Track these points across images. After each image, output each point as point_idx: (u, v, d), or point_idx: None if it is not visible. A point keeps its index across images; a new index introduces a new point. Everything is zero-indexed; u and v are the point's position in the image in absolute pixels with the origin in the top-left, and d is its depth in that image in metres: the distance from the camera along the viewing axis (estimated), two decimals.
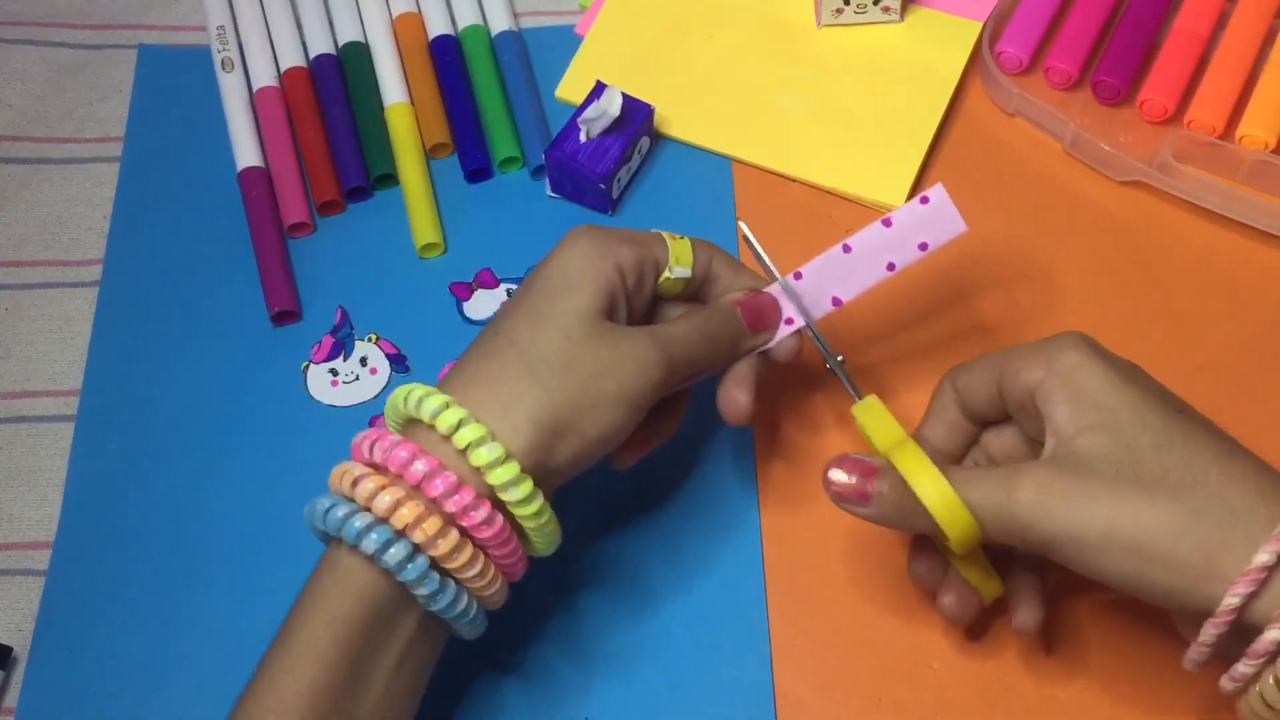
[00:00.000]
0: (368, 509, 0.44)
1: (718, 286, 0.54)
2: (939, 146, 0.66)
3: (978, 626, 0.54)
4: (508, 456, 0.45)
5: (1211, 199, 0.62)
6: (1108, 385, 0.45)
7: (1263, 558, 0.41)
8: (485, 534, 0.45)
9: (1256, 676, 0.42)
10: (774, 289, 0.54)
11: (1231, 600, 0.41)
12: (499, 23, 0.70)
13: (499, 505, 0.46)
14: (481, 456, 0.45)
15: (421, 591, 0.45)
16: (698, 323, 0.51)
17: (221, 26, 0.70)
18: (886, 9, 0.68)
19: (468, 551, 0.45)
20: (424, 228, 0.64)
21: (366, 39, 0.70)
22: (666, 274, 0.51)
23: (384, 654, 0.45)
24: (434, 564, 0.45)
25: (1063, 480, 0.44)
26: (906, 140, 0.65)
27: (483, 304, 0.62)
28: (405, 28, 0.70)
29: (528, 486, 0.45)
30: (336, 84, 0.68)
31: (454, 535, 0.44)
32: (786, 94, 0.67)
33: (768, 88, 0.67)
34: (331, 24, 0.70)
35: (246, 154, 0.66)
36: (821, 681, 0.53)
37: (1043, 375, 0.46)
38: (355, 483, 0.45)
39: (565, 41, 0.70)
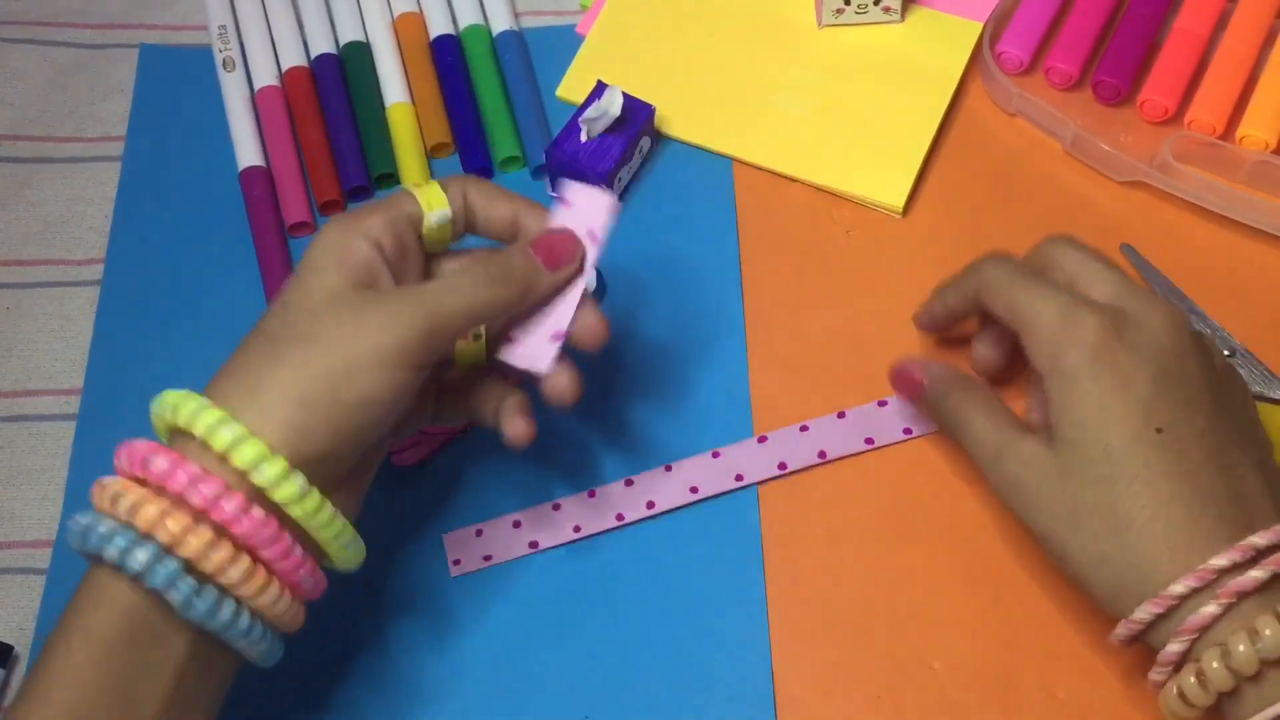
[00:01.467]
0: (115, 518, 0.42)
1: (486, 214, 0.51)
2: (939, 146, 0.66)
3: (978, 626, 0.54)
4: (269, 452, 0.43)
5: (1211, 199, 0.62)
6: (1090, 402, 0.47)
7: (1177, 588, 0.44)
8: (241, 529, 0.42)
9: (1165, 684, 0.46)
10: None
11: (1141, 614, 0.45)
12: (500, 22, 0.70)
13: (284, 520, 0.43)
14: (241, 457, 0.42)
15: (175, 597, 0.41)
16: (474, 268, 0.48)
17: (223, 26, 0.70)
18: (887, 9, 0.68)
19: (225, 550, 0.42)
20: None
21: (368, 38, 0.70)
22: (426, 223, 0.49)
23: (154, 678, 0.42)
24: (200, 576, 0.42)
25: (1025, 481, 0.49)
26: (906, 140, 0.65)
27: None
28: (406, 27, 0.70)
29: (295, 485, 0.43)
30: (338, 83, 0.68)
31: (205, 532, 0.42)
32: (787, 94, 0.67)
33: (768, 88, 0.67)
34: (333, 23, 0.70)
35: (248, 153, 0.66)
36: (821, 681, 0.53)
37: (1048, 369, 0.49)
38: (114, 498, 0.42)
39: (566, 41, 0.70)
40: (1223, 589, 0.44)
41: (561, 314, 0.51)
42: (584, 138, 0.63)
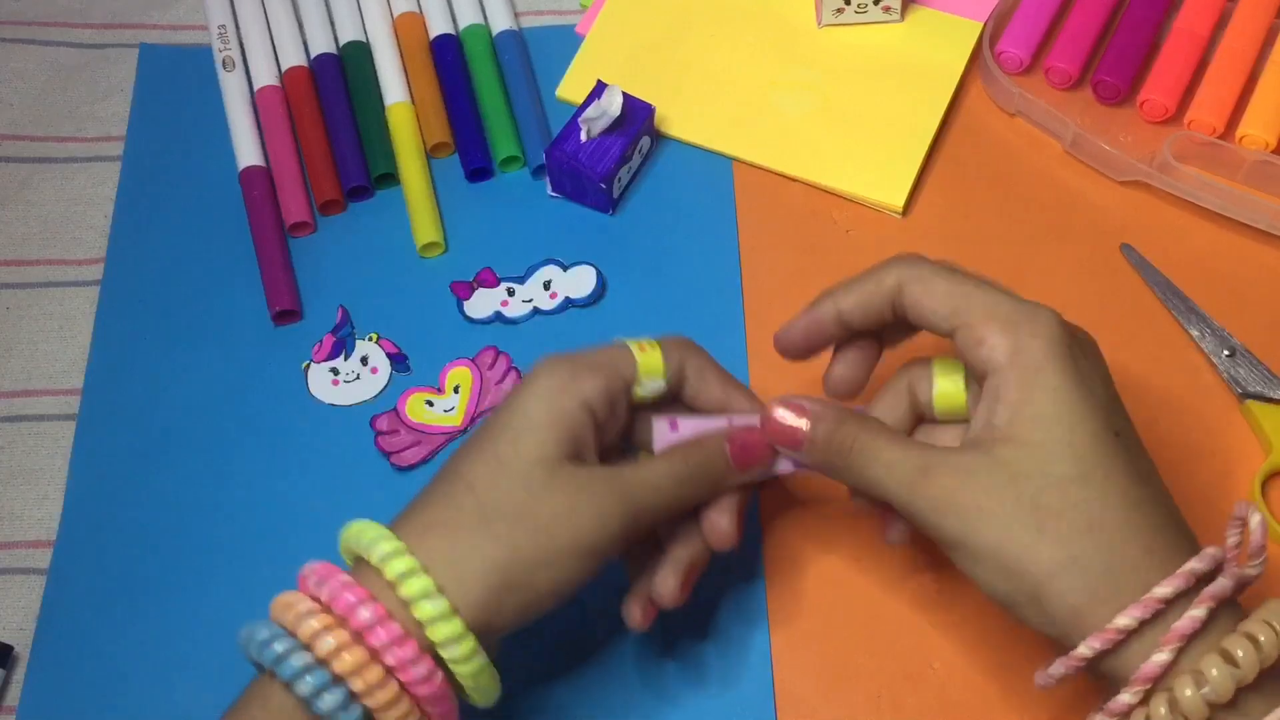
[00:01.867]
0: (307, 647, 0.43)
1: (696, 390, 0.51)
2: (939, 146, 0.66)
3: (978, 626, 0.54)
4: (452, 612, 0.44)
5: (1211, 199, 0.62)
6: (1058, 397, 0.44)
7: (1122, 621, 0.42)
8: (422, 691, 0.43)
9: None
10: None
11: (1083, 650, 0.42)
12: (500, 22, 0.70)
13: (438, 657, 0.44)
14: (425, 610, 0.43)
15: None
16: (675, 466, 0.49)
17: (223, 26, 0.70)
18: (887, 9, 0.68)
19: (404, 706, 0.43)
20: (425, 227, 0.64)
21: (368, 38, 0.70)
22: (637, 390, 0.49)
23: None
24: (365, 712, 0.43)
25: (966, 489, 0.44)
26: (907, 140, 0.65)
27: (483, 303, 0.63)
28: (406, 27, 0.70)
29: (469, 645, 0.44)
30: (337, 83, 0.68)
31: (393, 688, 0.43)
32: (787, 94, 0.67)
33: (768, 88, 0.67)
34: (333, 23, 0.70)
35: (247, 153, 0.66)
36: (821, 681, 0.53)
37: (1004, 361, 0.45)
38: (299, 618, 0.43)
39: (566, 41, 0.70)
40: (1167, 634, 0.42)
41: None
42: (584, 137, 0.63)
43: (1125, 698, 0.42)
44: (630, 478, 0.47)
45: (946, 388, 0.49)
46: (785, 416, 0.48)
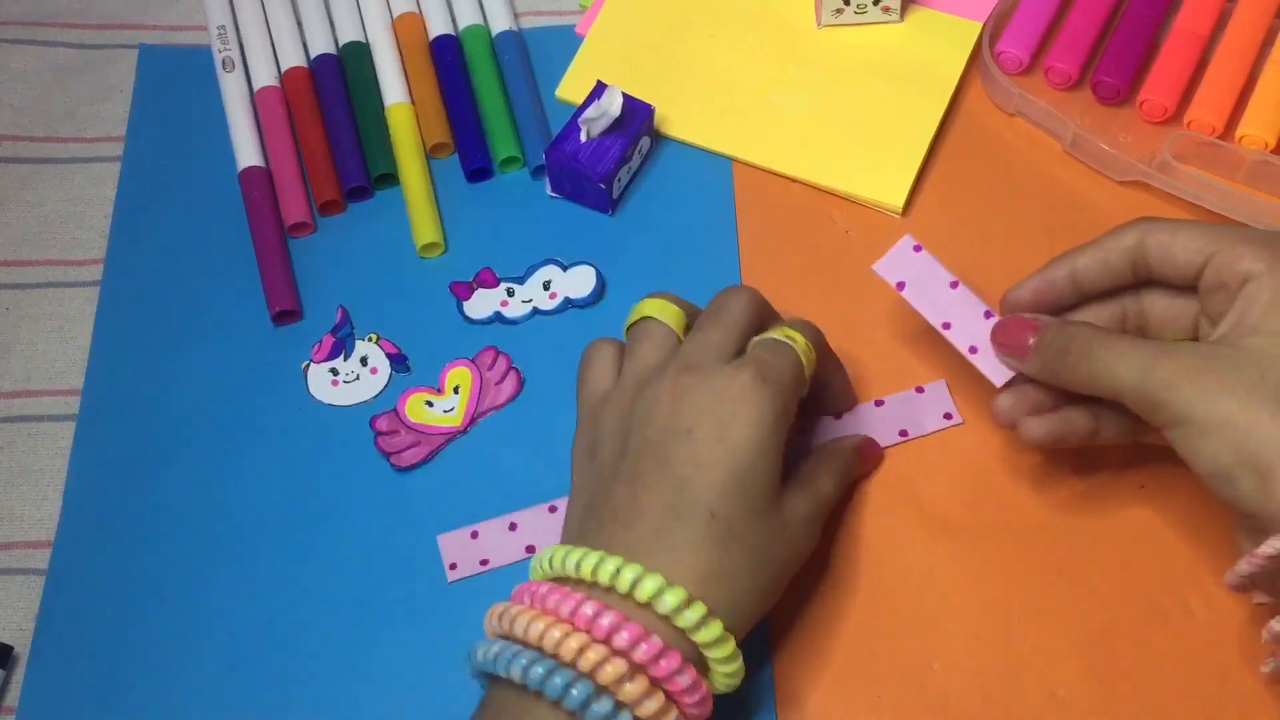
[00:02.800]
0: (568, 664, 0.44)
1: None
2: (939, 146, 0.66)
3: (978, 626, 0.54)
4: (714, 620, 0.46)
5: (1211, 199, 0.62)
6: None
7: None
8: (681, 687, 0.45)
9: None
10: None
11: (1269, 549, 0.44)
12: (499, 23, 0.70)
13: (689, 657, 0.46)
14: (686, 619, 0.45)
15: None
16: (835, 471, 0.54)
17: (222, 26, 0.70)
18: (886, 9, 0.68)
19: (658, 700, 0.44)
20: (424, 227, 0.64)
21: (367, 39, 0.70)
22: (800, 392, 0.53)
23: None
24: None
25: (1206, 369, 0.46)
26: (906, 140, 0.65)
27: (483, 303, 0.62)
28: (406, 27, 0.70)
29: (730, 645, 0.46)
30: (337, 84, 0.68)
31: (660, 695, 0.44)
32: (786, 94, 0.67)
33: (768, 88, 0.67)
34: (332, 24, 0.70)
35: (247, 154, 0.66)
36: (821, 681, 0.53)
37: (1264, 270, 0.47)
38: (542, 633, 0.44)
39: (565, 41, 0.70)
40: None
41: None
42: (583, 138, 0.63)
43: None
44: (816, 491, 0.52)
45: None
46: (1012, 325, 0.52)
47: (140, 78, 0.70)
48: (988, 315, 0.54)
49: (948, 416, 0.58)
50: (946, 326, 0.54)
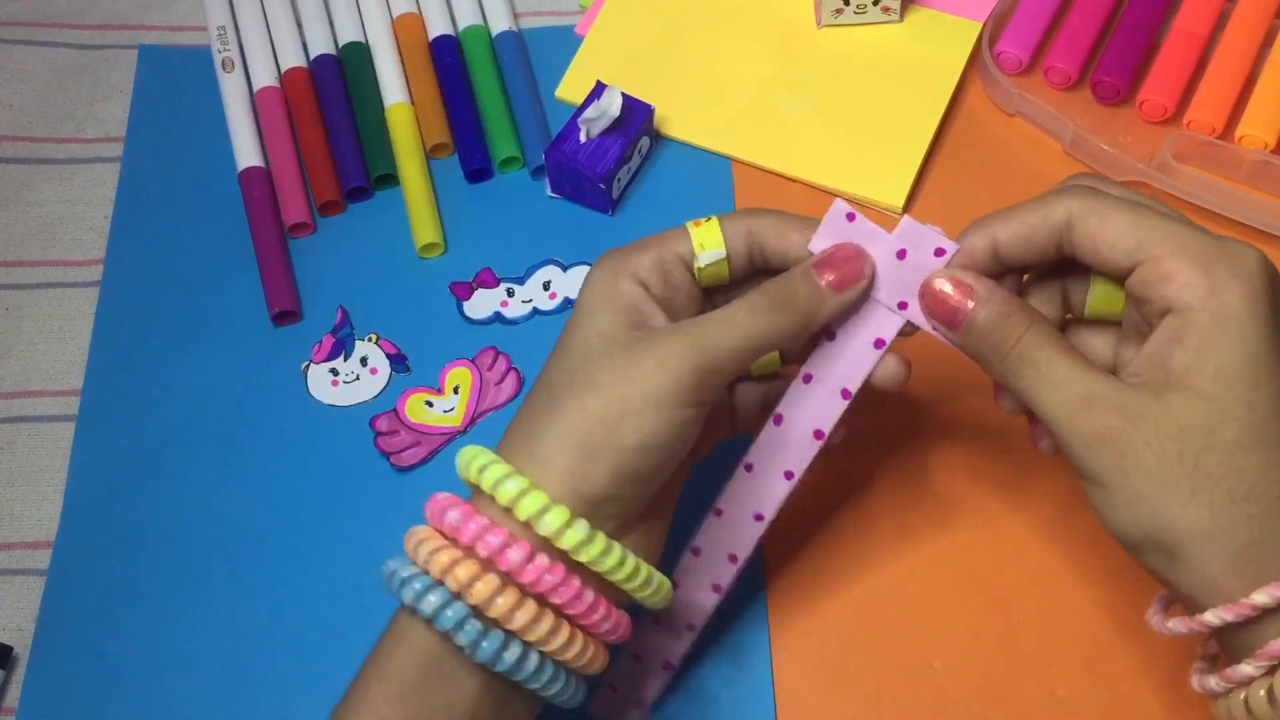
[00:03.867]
0: (426, 572, 0.43)
1: (780, 250, 0.47)
2: (939, 146, 0.66)
3: (978, 626, 0.54)
4: (550, 503, 0.42)
5: (1211, 199, 0.62)
6: (1247, 352, 0.41)
7: (1260, 598, 0.40)
8: (526, 577, 0.42)
9: (1227, 694, 0.43)
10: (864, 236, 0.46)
11: (1210, 618, 0.41)
12: (499, 23, 0.70)
13: (575, 567, 0.43)
14: (526, 510, 0.42)
15: (463, 640, 0.42)
16: (753, 296, 0.45)
17: (222, 27, 0.70)
18: (886, 9, 0.68)
19: (510, 596, 0.42)
20: (424, 228, 0.64)
21: (367, 39, 0.70)
22: (697, 264, 0.47)
23: (446, 717, 0.43)
24: (490, 621, 0.43)
25: (1124, 437, 0.41)
26: (906, 140, 0.65)
27: (483, 303, 0.62)
28: (405, 28, 0.70)
29: (579, 532, 0.43)
30: (337, 84, 0.68)
31: (493, 580, 0.42)
32: (786, 94, 0.67)
33: (768, 88, 0.67)
34: (332, 24, 0.71)
35: (247, 154, 0.66)
36: (821, 681, 0.53)
37: (1192, 303, 0.41)
38: (417, 546, 0.44)
39: (565, 41, 0.70)
40: None
41: (851, 368, 0.47)
42: (583, 138, 0.63)
43: (1247, 669, 0.41)
44: (698, 323, 0.45)
45: (1105, 291, 0.46)
46: (946, 290, 0.45)
47: (140, 78, 0.70)
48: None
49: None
50: (903, 306, 0.46)
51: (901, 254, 0.46)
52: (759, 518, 0.49)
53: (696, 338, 0.44)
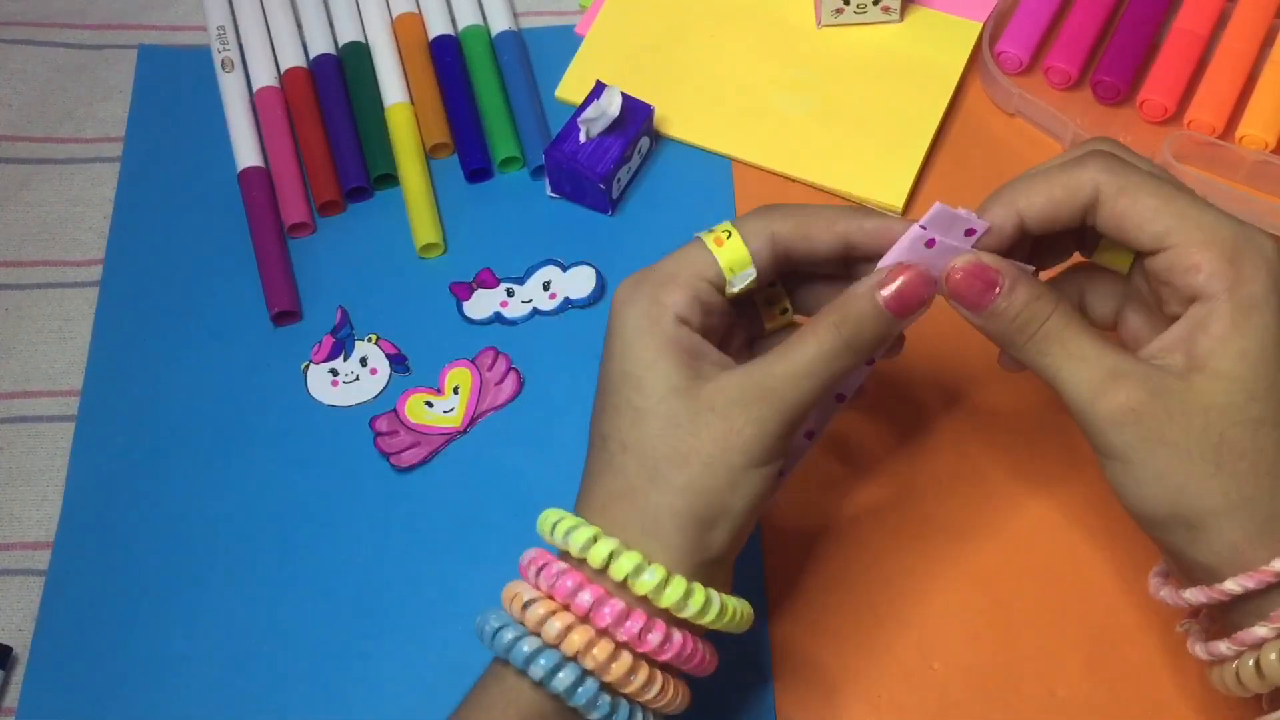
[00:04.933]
0: (536, 634, 0.43)
1: (809, 251, 0.47)
2: (939, 146, 0.66)
3: (978, 626, 0.54)
4: (669, 575, 0.44)
5: (1211, 199, 0.62)
6: (1267, 339, 0.43)
7: (1233, 588, 0.42)
8: (668, 655, 0.44)
9: (1236, 657, 0.44)
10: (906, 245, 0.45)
11: (1232, 585, 0.42)
12: (499, 23, 0.70)
13: (677, 621, 0.45)
14: (644, 585, 0.43)
15: (594, 716, 0.43)
16: (822, 333, 0.45)
17: (221, 27, 0.70)
18: (886, 9, 0.68)
19: (643, 673, 0.43)
20: (424, 228, 0.64)
21: (367, 39, 0.70)
22: (729, 289, 0.46)
23: None
24: (606, 688, 0.44)
25: (1151, 412, 0.42)
26: (906, 140, 0.65)
27: (483, 304, 0.62)
28: (405, 28, 0.70)
29: (700, 598, 0.44)
30: (337, 84, 0.68)
31: (627, 659, 0.43)
32: (786, 94, 0.67)
33: (768, 88, 0.67)
34: (332, 24, 0.70)
35: (246, 154, 0.66)
36: (821, 682, 0.53)
37: (1220, 291, 0.43)
38: (525, 606, 0.44)
39: (565, 41, 0.70)
40: None
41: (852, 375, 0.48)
42: (583, 138, 0.63)
43: (1260, 630, 0.42)
44: (774, 373, 0.45)
45: (1114, 249, 0.47)
46: (971, 275, 0.45)
47: (139, 78, 0.70)
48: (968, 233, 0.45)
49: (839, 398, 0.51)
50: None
51: (931, 244, 0.45)
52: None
53: (781, 397, 0.45)
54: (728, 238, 0.46)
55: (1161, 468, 0.43)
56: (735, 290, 0.47)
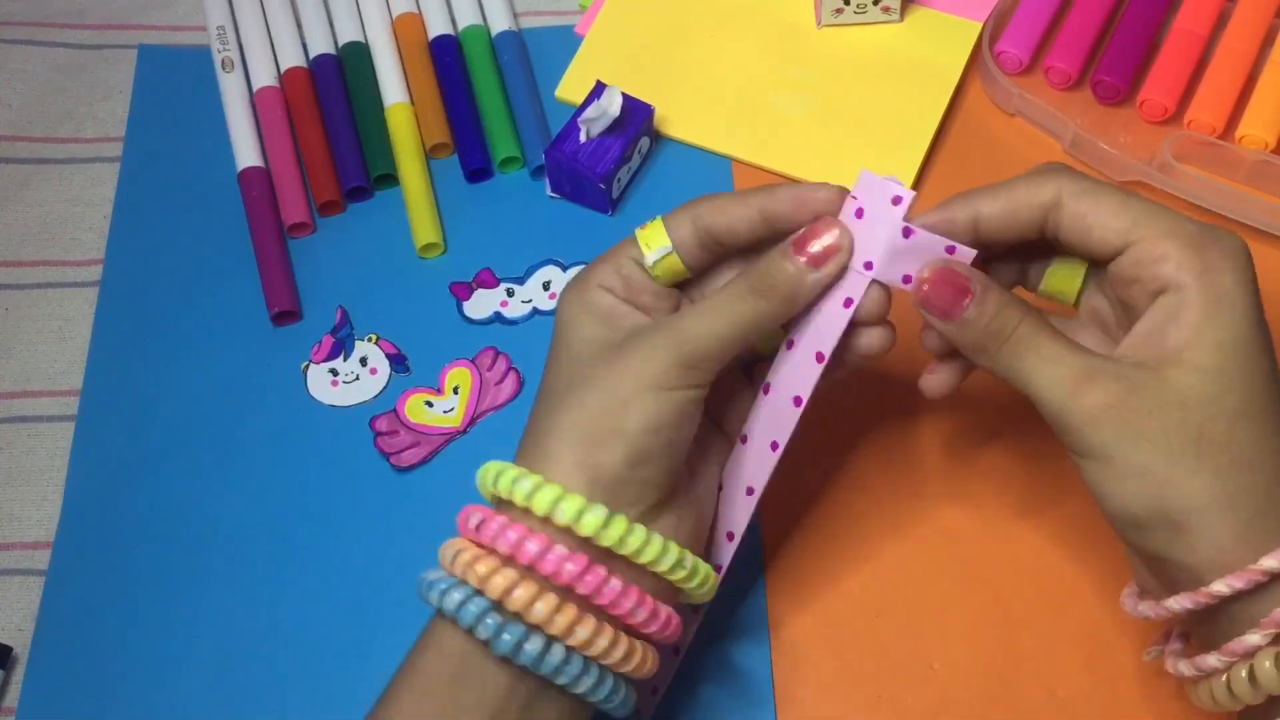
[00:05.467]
0: (465, 581, 0.43)
1: (735, 231, 0.48)
2: (939, 146, 0.66)
3: (978, 626, 0.54)
4: (542, 483, 0.43)
5: (1211, 199, 0.62)
6: (1243, 327, 0.42)
7: (1269, 563, 0.41)
8: (546, 568, 0.42)
9: (1226, 669, 0.43)
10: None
11: (1220, 587, 0.41)
12: (499, 23, 0.70)
13: (606, 558, 0.43)
14: (519, 493, 0.43)
15: (482, 633, 0.42)
16: (733, 284, 0.46)
17: (221, 26, 0.70)
18: (886, 9, 0.68)
19: (528, 589, 0.42)
20: (424, 228, 0.64)
21: (366, 39, 0.70)
22: (646, 263, 0.48)
23: (471, 715, 0.43)
24: (513, 616, 0.43)
25: (1128, 407, 0.42)
26: (906, 140, 0.65)
27: (483, 304, 0.62)
28: (405, 28, 0.70)
29: (574, 504, 0.43)
30: (336, 84, 0.68)
31: (510, 573, 0.42)
32: (786, 94, 0.67)
33: (768, 88, 0.67)
34: (332, 24, 0.70)
35: (246, 154, 0.66)
36: (821, 681, 0.53)
37: (1189, 281, 0.42)
38: (447, 552, 0.44)
39: (565, 41, 0.70)
40: None
41: (825, 331, 0.47)
42: (583, 138, 0.63)
43: (1252, 639, 0.41)
44: (684, 314, 0.46)
45: (1063, 271, 0.47)
46: (939, 285, 0.45)
47: (139, 78, 0.70)
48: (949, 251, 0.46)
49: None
50: (868, 267, 0.46)
51: (859, 213, 0.46)
52: (750, 492, 0.49)
53: (680, 328, 0.46)
54: (652, 223, 0.49)
55: (1142, 463, 0.42)
56: (650, 264, 0.48)
